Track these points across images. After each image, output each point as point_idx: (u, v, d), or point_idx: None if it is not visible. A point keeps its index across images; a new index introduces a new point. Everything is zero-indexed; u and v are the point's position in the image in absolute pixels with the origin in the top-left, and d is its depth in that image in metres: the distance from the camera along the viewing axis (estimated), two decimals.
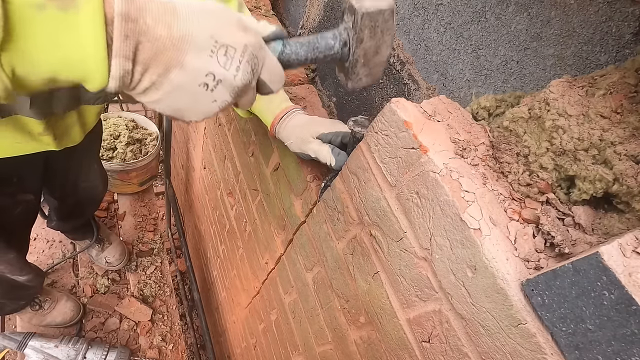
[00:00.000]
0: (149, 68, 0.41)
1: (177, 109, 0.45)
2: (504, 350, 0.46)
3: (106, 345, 1.88)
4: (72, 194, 1.63)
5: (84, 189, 1.64)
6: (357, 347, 0.77)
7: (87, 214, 1.93)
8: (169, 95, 0.43)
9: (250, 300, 1.46)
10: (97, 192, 1.74)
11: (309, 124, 0.78)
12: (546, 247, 0.47)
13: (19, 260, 1.44)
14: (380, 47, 0.55)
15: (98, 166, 1.65)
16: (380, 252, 0.64)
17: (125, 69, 0.39)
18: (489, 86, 0.64)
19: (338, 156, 0.73)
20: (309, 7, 1.10)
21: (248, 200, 1.26)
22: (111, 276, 2.25)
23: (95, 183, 1.67)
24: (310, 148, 0.76)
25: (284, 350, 1.18)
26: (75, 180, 1.58)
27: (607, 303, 0.35)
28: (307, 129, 0.78)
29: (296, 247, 0.96)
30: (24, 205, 1.32)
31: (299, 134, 0.78)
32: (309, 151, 0.77)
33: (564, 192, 0.49)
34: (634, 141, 0.43)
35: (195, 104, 0.45)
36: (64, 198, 1.65)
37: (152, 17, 0.39)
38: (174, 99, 0.44)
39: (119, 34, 0.37)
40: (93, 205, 1.88)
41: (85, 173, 1.59)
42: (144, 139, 2.45)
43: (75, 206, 1.78)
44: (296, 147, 0.80)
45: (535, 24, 0.55)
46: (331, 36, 0.55)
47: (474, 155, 0.54)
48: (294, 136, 0.79)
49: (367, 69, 0.57)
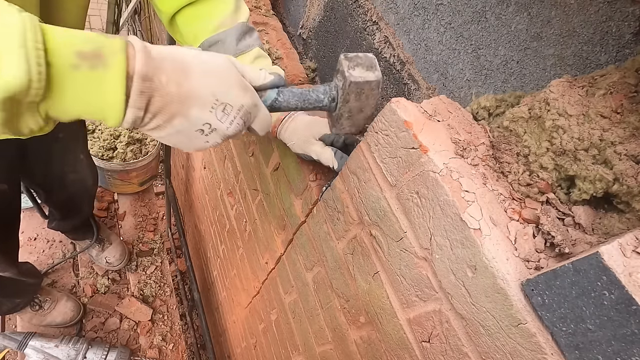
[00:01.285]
0: (157, 115, 0.49)
1: (175, 144, 0.55)
2: (504, 350, 0.46)
3: (106, 345, 1.88)
4: (60, 186, 1.59)
5: (73, 181, 1.60)
6: (357, 347, 0.77)
7: (84, 210, 1.90)
8: (170, 135, 0.52)
9: (250, 300, 1.46)
10: (87, 186, 1.70)
11: (312, 125, 0.79)
12: (546, 247, 0.47)
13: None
14: (365, 107, 0.62)
15: (85, 157, 1.60)
16: (381, 252, 0.64)
17: (138, 116, 0.47)
18: (489, 86, 0.64)
19: (341, 159, 0.74)
20: (309, 7, 1.10)
21: (248, 200, 1.26)
22: (111, 276, 2.25)
23: (83, 175, 1.63)
24: (313, 150, 0.77)
25: (284, 350, 1.18)
26: (61, 172, 1.53)
27: (607, 303, 0.35)
28: (310, 130, 0.78)
29: (296, 247, 0.96)
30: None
31: (301, 135, 0.79)
32: (312, 153, 0.77)
33: (564, 192, 0.49)
34: (634, 141, 0.43)
35: (190, 142, 0.54)
36: (51, 190, 1.60)
37: (166, 76, 0.48)
38: (174, 138, 0.53)
39: (136, 90, 0.45)
40: (87, 200, 1.84)
41: (72, 164, 1.55)
42: (144, 138, 2.45)
43: (69, 202, 1.75)
44: (298, 148, 0.80)
45: (535, 24, 0.55)
46: (322, 91, 0.62)
47: (474, 155, 0.54)
48: (296, 137, 0.80)
49: (351, 122, 0.63)
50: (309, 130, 0.78)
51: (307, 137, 0.78)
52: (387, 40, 0.83)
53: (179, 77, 0.48)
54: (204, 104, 0.50)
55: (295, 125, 0.81)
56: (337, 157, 0.75)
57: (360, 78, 0.57)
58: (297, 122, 0.81)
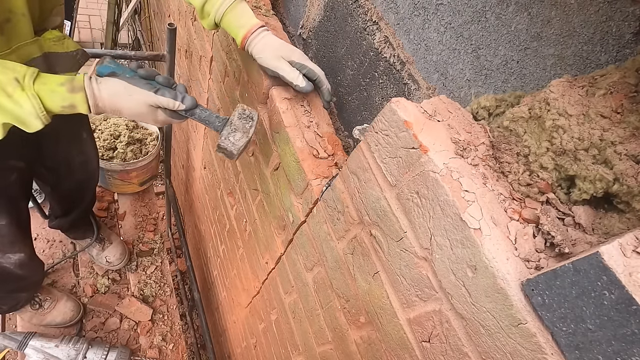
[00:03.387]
0: (105, 112, 0.87)
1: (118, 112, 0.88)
2: (504, 350, 0.46)
3: (106, 345, 1.88)
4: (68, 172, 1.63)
5: (80, 164, 1.64)
6: (357, 347, 0.77)
7: (86, 201, 1.90)
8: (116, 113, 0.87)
9: (251, 300, 1.46)
10: (92, 169, 1.74)
11: (283, 47, 0.89)
12: (546, 247, 0.47)
13: (11, 231, 1.42)
14: (243, 137, 0.88)
15: (88, 136, 1.64)
16: (381, 252, 0.64)
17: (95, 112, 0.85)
18: (489, 86, 0.64)
19: (307, 82, 0.87)
20: (309, 7, 1.10)
21: (248, 200, 1.26)
22: (111, 276, 2.25)
23: (88, 156, 1.67)
24: (281, 67, 0.88)
25: (284, 350, 1.18)
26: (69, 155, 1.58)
27: (607, 303, 0.35)
28: (282, 50, 0.89)
29: (296, 247, 0.96)
30: (17, 172, 1.34)
31: (272, 52, 0.89)
32: (279, 70, 0.88)
33: (564, 192, 0.49)
34: (634, 141, 0.43)
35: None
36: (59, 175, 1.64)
37: (108, 111, 0.86)
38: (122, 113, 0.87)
39: (93, 110, 0.84)
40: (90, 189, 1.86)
41: (78, 144, 1.60)
42: (144, 138, 2.45)
43: (74, 191, 1.77)
44: (265, 63, 0.89)
45: (535, 24, 0.55)
46: (219, 121, 0.89)
47: (474, 155, 0.54)
48: (266, 53, 0.89)
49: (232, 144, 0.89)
50: (281, 50, 0.88)
51: (278, 56, 0.88)
52: (387, 40, 0.83)
53: (115, 114, 0.87)
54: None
55: (267, 41, 0.90)
56: (305, 80, 0.87)
57: (224, 145, 0.86)
58: (269, 39, 0.90)
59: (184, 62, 1.93)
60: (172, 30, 1.48)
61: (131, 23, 3.83)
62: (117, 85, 0.84)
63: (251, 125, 0.89)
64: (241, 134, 0.87)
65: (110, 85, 0.83)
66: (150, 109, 0.85)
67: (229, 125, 0.88)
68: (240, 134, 0.87)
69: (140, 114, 0.86)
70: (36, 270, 1.69)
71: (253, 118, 0.90)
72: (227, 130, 0.87)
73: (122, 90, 0.84)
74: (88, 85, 0.82)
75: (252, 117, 0.90)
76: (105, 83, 0.83)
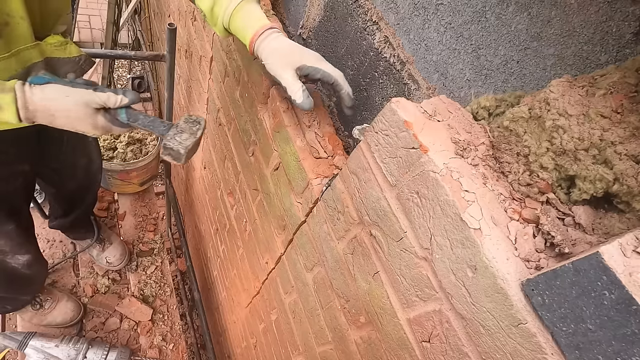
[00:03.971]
0: (36, 121, 0.84)
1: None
2: (505, 350, 0.46)
3: (107, 345, 1.88)
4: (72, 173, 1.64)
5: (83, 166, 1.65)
6: (358, 347, 0.77)
7: (87, 201, 1.91)
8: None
9: (251, 300, 1.46)
10: (94, 169, 1.75)
11: (292, 53, 0.79)
12: (546, 247, 0.47)
13: (19, 234, 1.43)
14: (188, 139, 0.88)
15: (93, 138, 1.65)
16: (381, 252, 0.64)
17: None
18: (489, 86, 0.64)
19: (307, 98, 0.77)
20: (309, 7, 1.10)
21: (248, 200, 1.26)
22: (112, 276, 2.26)
23: (91, 157, 1.68)
24: (284, 77, 0.78)
25: (284, 350, 1.18)
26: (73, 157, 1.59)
27: (607, 303, 0.35)
28: (290, 56, 0.79)
29: (296, 247, 0.96)
30: (23, 176, 1.35)
31: (279, 58, 0.79)
32: (282, 80, 0.79)
33: (564, 192, 0.49)
34: (634, 141, 0.43)
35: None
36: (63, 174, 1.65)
37: (39, 120, 0.82)
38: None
39: (22, 113, 0.80)
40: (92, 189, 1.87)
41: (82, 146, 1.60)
42: (144, 138, 2.45)
43: (76, 190, 1.78)
44: (271, 69, 0.81)
45: (535, 24, 0.55)
46: (164, 126, 0.89)
47: (474, 155, 0.54)
48: (273, 59, 0.80)
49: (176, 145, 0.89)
50: (290, 56, 0.79)
51: (285, 63, 0.78)
52: (387, 40, 0.83)
53: (48, 121, 0.82)
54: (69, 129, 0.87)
55: (276, 45, 0.80)
56: (305, 96, 0.77)
57: (178, 144, 0.85)
58: (277, 43, 0.81)
59: (184, 62, 1.93)
60: (172, 30, 1.48)
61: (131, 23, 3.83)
62: (52, 88, 0.79)
63: (198, 128, 0.87)
64: (188, 135, 0.86)
65: (45, 88, 0.79)
66: (89, 112, 0.80)
67: (175, 127, 0.87)
68: (187, 134, 0.86)
69: (77, 118, 0.80)
70: (42, 270, 1.70)
71: (200, 122, 0.89)
72: (173, 131, 0.86)
73: (58, 93, 0.78)
74: (19, 88, 0.77)
75: (199, 122, 0.89)
76: (39, 87, 0.79)
